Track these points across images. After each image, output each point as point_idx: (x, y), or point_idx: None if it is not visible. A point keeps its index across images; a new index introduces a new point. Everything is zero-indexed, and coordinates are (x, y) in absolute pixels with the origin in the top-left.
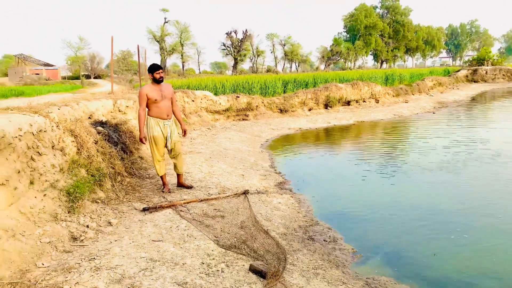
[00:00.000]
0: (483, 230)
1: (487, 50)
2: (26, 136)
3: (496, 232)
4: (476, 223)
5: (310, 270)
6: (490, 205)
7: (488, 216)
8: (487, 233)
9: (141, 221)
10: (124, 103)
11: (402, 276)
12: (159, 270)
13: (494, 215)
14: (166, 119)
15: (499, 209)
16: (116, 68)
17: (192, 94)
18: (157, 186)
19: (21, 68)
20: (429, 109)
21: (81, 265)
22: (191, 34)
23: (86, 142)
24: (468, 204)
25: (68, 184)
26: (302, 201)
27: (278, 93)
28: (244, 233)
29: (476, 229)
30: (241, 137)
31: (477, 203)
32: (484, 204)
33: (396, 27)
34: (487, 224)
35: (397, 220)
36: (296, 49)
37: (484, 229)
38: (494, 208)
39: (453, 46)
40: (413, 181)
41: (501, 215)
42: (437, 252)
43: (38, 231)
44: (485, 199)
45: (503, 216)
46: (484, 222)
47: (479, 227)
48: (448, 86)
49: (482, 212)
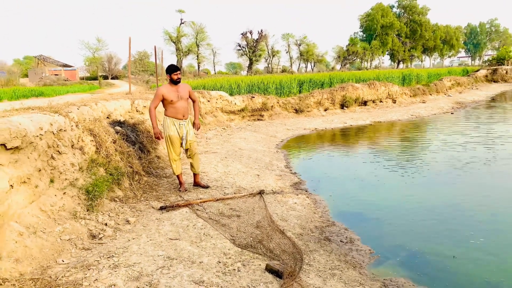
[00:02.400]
0: (504, 234)
1: (507, 50)
2: (47, 135)
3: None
4: (497, 226)
5: (326, 271)
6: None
7: (509, 219)
8: (508, 236)
9: (158, 220)
10: (141, 103)
11: (420, 278)
12: (176, 268)
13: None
14: (182, 119)
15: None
16: (133, 68)
17: (208, 95)
18: (174, 185)
19: (40, 69)
20: (447, 110)
21: (99, 262)
22: (206, 35)
23: (104, 141)
24: (488, 207)
25: (87, 183)
26: (318, 201)
27: (294, 93)
28: (260, 233)
29: (497, 232)
30: (256, 137)
31: (498, 206)
32: (505, 206)
33: (413, 27)
34: (508, 227)
35: (414, 221)
36: (312, 49)
37: (506, 232)
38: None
39: (472, 45)
40: (431, 182)
41: None
42: (457, 254)
43: (58, 229)
44: (506, 202)
45: None
46: (506, 226)
47: (500, 230)
48: (467, 86)
49: (504, 215)
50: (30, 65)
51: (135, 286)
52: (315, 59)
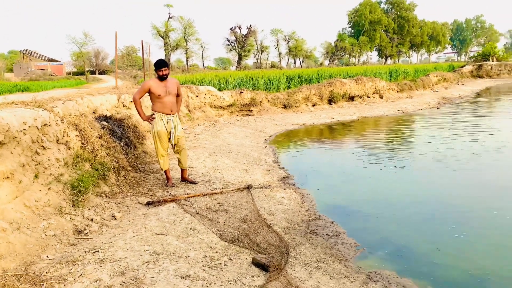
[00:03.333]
0: (486, 226)
1: (492, 46)
2: (31, 130)
3: (499, 228)
4: (479, 219)
5: (312, 264)
6: (494, 201)
7: (491, 212)
8: (490, 229)
9: (145, 215)
10: (128, 98)
11: (405, 270)
12: (163, 262)
13: (498, 211)
14: (170, 114)
15: (503, 205)
16: (121, 63)
17: (196, 89)
18: (161, 180)
19: (26, 63)
20: (434, 105)
21: (85, 257)
22: (195, 30)
23: (90, 136)
24: (471, 200)
25: (72, 178)
26: (305, 195)
27: (282, 89)
28: (247, 227)
29: (480, 224)
30: (245, 133)
31: (481, 199)
32: (488, 200)
33: (401, 23)
34: (491, 220)
35: (400, 214)
36: (300, 44)
37: (487, 225)
38: (498, 204)
39: (458, 41)
40: (416, 176)
41: (505, 211)
42: (440, 246)
43: (43, 224)
44: (489, 195)
45: (506, 211)
46: (487, 218)
47: (482, 222)
48: (453, 82)
49: (486, 208)
50: (15, 60)
51: (121, 281)
52: (304, 54)
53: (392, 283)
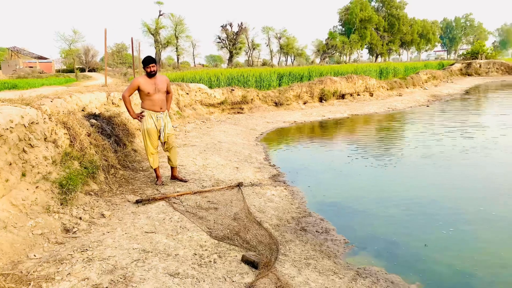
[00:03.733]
0: (473, 222)
1: (481, 44)
2: (18, 128)
3: (485, 224)
4: (467, 215)
5: (301, 260)
6: (480, 197)
7: (478, 208)
8: (476, 225)
9: (134, 213)
10: (117, 95)
11: (393, 266)
12: (152, 261)
13: (484, 207)
14: (159, 112)
15: (488, 201)
16: (111, 61)
17: (187, 87)
18: (151, 178)
19: (14, 61)
20: (423, 102)
21: (73, 256)
22: (186, 27)
23: (79, 134)
24: (459, 196)
25: (60, 176)
26: (296, 193)
27: (273, 87)
28: (237, 225)
29: (467, 220)
30: (236, 130)
31: (468, 196)
32: (475, 196)
33: (391, 21)
34: (477, 216)
35: (389, 211)
36: (292, 42)
37: (474, 221)
38: (484, 200)
39: (448, 39)
40: (406, 174)
41: (490, 206)
42: (428, 243)
43: (30, 223)
44: (476, 191)
45: (492, 207)
46: (474, 214)
47: (469, 218)
48: (442, 80)
49: (473, 204)
50: (3, 57)
51: (109, 279)
52: (295, 52)
53: (380, 279)
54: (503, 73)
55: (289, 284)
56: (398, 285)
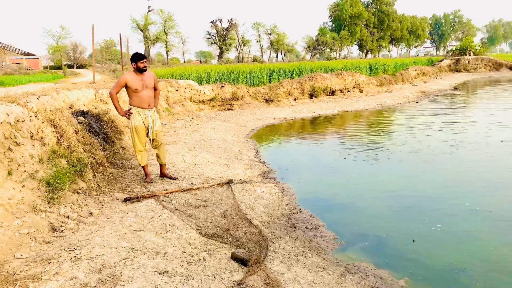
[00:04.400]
0: (460, 217)
1: (469, 40)
2: (3, 126)
3: (473, 219)
4: (455, 210)
5: (291, 257)
6: (468, 192)
7: (466, 203)
8: (464, 220)
9: (122, 211)
10: (105, 92)
11: (382, 262)
12: (140, 259)
13: (472, 202)
14: (147, 109)
15: (476, 196)
16: (99, 57)
17: (176, 84)
18: (139, 176)
19: (0, 57)
20: (412, 99)
21: (60, 255)
22: (175, 23)
23: (66, 132)
24: (447, 192)
25: (48, 175)
26: (286, 189)
27: (264, 83)
28: (227, 222)
29: (455, 215)
30: (226, 127)
31: (456, 190)
32: (462, 191)
33: (381, 17)
34: (465, 211)
35: (378, 207)
36: (282, 38)
37: (461, 216)
38: (472, 195)
39: (437, 36)
40: (395, 170)
41: (478, 201)
42: (416, 238)
43: (17, 222)
44: (464, 186)
45: (479, 202)
46: (462, 210)
47: (457, 214)
48: (431, 76)
49: (461, 199)
50: None
51: (97, 278)
52: (286, 48)
53: (369, 274)
54: (491, 69)
55: (278, 281)
56: (387, 281)
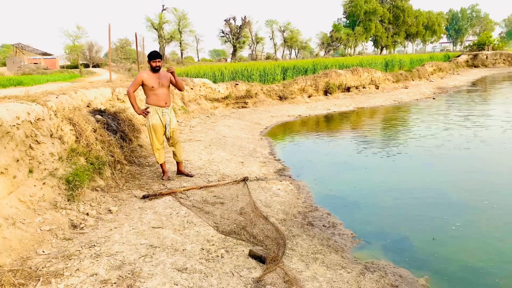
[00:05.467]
0: (481, 215)
1: (487, 35)
2: (24, 125)
3: (493, 218)
4: (475, 209)
5: (309, 255)
6: (489, 190)
7: (486, 201)
8: (484, 218)
9: (141, 209)
10: (122, 91)
11: (401, 260)
12: (159, 256)
13: (492, 201)
14: (165, 107)
15: (497, 195)
16: (115, 56)
17: (191, 82)
18: (157, 174)
19: (19, 57)
20: (429, 95)
21: (81, 252)
22: (189, 22)
23: (84, 130)
24: (466, 189)
25: (67, 173)
26: (302, 187)
27: (278, 80)
28: (243, 219)
29: (475, 214)
30: (240, 125)
31: (475, 188)
32: (482, 189)
33: (396, 13)
34: (486, 209)
35: (396, 205)
36: (296, 35)
37: (482, 214)
38: (492, 194)
39: (454, 31)
40: (413, 167)
41: (499, 200)
42: (436, 236)
43: (38, 219)
44: (484, 184)
45: (501, 201)
46: (482, 208)
47: (478, 212)
48: (448, 72)
49: (481, 197)
50: (8, 54)
51: (117, 274)
52: (299, 45)
53: (388, 273)
54: (510, 64)
55: (297, 278)
56: (407, 279)
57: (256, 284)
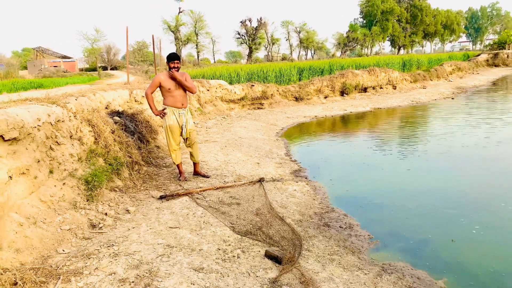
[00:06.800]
0: (501, 218)
1: (508, 33)
2: (45, 126)
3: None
4: (495, 211)
5: (325, 256)
6: (506, 192)
7: (506, 204)
8: (505, 221)
9: (158, 209)
10: (140, 93)
11: (419, 261)
12: (176, 256)
13: (509, 202)
14: (181, 108)
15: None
16: (132, 59)
17: (207, 84)
18: (174, 174)
19: (39, 61)
20: (448, 95)
21: (100, 251)
22: (205, 24)
23: (103, 131)
24: (486, 191)
25: (86, 173)
26: (318, 188)
27: (293, 81)
28: (259, 220)
29: (495, 216)
30: (256, 126)
31: (495, 191)
32: (502, 192)
33: (414, 12)
34: (506, 212)
35: (413, 206)
36: (312, 36)
37: (502, 216)
38: (509, 195)
39: (473, 30)
40: (431, 168)
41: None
42: (455, 238)
43: (58, 219)
44: (504, 186)
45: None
46: (502, 210)
47: (498, 214)
48: (468, 71)
49: (501, 199)
50: (29, 57)
51: (135, 274)
52: (315, 46)
53: (406, 274)
54: None
55: (313, 279)
56: (425, 281)
57: (272, 284)
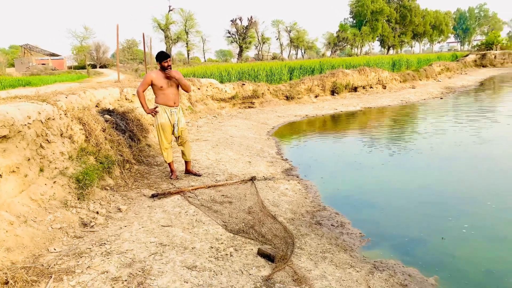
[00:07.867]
0: (490, 216)
1: (496, 34)
2: (35, 124)
3: (503, 218)
4: (484, 209)
5: (318, 254)
6: (498, 191)
7: (495, 202)
8: (494, 219)
9: (150, 207)
10: (130, 91)
11: (410, 259)
12: (169, 254)
13: (502, 202)
14: (173, 107)
15: (506, 196)
16: (122, 57)
17: (198, 82)
18: (165, 173)
19: (27, 58)
20: (437, 95)
21: (92, 250)
22: (195, 22)
23: (94, 130)
24: (476, 190)
25: (77, 171)
26: (309, 186)
27: (284, 80)
28: (251, 218)
29: (484, 214)
30: (247, 125)
31: (485, 189)
32: (492, 190)
33: (403, 12)
34: (495, 210)
35: (404, 204)
36: (302, 35)
37: (491, 214)
38: (501, 194)
39: (461, 30)
40: (421, 166)
41: (509, 201)
42: (445, 236)
43: (49, 217)
44: (493, 185)
45: (507, 202)
46: (492, 208)
47: (487, 212)
48: (456, 71)
49: (490, 198)
50: (16, 55)
51: (128, 272)
52: (306, 45)
53: (397, 272)
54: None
55: (306, 277)
56: (416, 278)
57: (265, 282)
